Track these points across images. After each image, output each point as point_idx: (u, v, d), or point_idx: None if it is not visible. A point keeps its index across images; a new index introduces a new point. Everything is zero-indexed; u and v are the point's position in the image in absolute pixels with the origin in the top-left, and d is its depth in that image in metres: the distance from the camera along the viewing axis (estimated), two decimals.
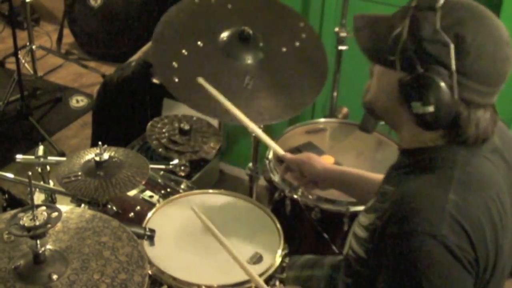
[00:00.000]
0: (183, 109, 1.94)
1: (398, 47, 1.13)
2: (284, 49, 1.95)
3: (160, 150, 1.81)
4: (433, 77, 1.09)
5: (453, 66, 1.08)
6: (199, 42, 1.86)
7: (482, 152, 1.18)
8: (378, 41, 1.18)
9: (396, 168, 1.26)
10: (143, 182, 1.62)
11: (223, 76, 1.83)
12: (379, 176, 1.59)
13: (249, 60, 1.88)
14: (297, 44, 1.98)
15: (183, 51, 1.83)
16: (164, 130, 1.86)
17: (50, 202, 1.78)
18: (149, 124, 1.89)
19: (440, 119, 1.11)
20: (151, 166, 1.67)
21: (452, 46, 1.08)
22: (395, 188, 1.18)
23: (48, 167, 1.78)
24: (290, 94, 1.88)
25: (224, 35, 1.90)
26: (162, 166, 1.91)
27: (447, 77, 1.09)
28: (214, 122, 2.02)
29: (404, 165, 1.23)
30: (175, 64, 1.79)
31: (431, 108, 1.10)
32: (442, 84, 1.09)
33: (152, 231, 1.58)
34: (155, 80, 2.77)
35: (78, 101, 3.66)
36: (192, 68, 1.81)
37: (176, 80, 1.77)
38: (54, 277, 1.15)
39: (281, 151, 1.71)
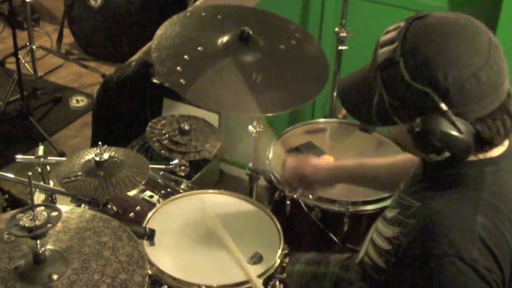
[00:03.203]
0: (183, 109, 1.95)
1: (388, 109, 1.13)
2: (282, 47, 1.97)
3: (162, 151, 1.82)
4: (430, 128, 1.07)
5: (443, 107, 1.06)
6: (199, 48, 1.88)
7: (509, 167, 1.16)
8: (369, 114, 1.17)
9: (420, 180, 1.24)
10: (143, 182, 1.62)
11: (228, 73, 1.86)
12: (380, 161, 1.60)
13: (250, 58, 1.90)
14: (293, 42, 2.01)
15: (185, 56, 1.85)
16: (164, 131, 1.86)
17: (50, 202, 1.78)
18: (148, 125, 1.88)
19: (460, 154, 1.10)
20: (151, 166, 1.67)
21: (430, 91, 1.06)
22: (420, 204, 1.16)
23: (48, 167, 1.78)
24: (297, 85, 1.92)
25: (223, 39, 1.92)
26: (162, 166, 1.90)
27: (443, 118, 1.06)
28: (214, 122, 2.02)
29: (429, 178, 1.21)
30: (179, 68, 1.81)
31: (446, 154, 1.09)
32: (442, 129, 1.06)
33: (152, 231, 1.58)
34: (155, 80, 2.77)
35: (78, 101, 3.66)
36: (197, 69, 1.85)
37: (183, 82, 1.79)
38: (55, 277, 1.15)
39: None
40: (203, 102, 1.84)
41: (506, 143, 1.19)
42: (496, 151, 1.17)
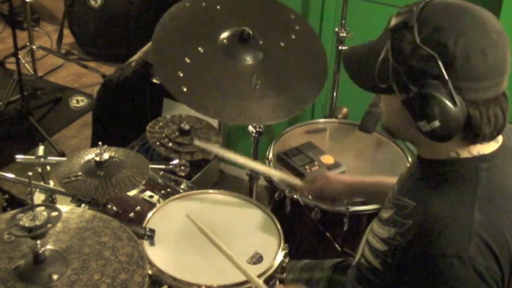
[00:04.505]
0: (183, 109, 1.94)
1: (389, 72, 1.13)
2: (282, 44, 1.96)
3: (161, 149, 1.81)
4: (427, 93, 1.08)
5: (445, 75, 1.07)
6: (199, 48, 1.87)
7: (503, 164, 1.17)
8: (370, 74, 1.18)
9: (415, 178, 1.24)
10: (143, 182, 1.62)
11: (229, 79, 1.85)
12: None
13: (250, 60, 1.89)
14: (293, 36, 1.99)
15: (186, 59, 1.84)
16: (165, 131, 1.86)
17: (50, 202, 1.78)
18: (148, 126, 1.88)
19: (450, 129, 1.09)
20: (151, 166, 1.67)
21: (437, 56, 1.07)
22: (416, 204, 1.16)
23: (48, 167, 1.78)
24: (297, 89, 1.91)
25: (223, 36, 1.91)
26: (162, 166, 1.90)
27: (442, 87, 1.07)
28: (214, 122, 2.02)
29: (424, 176, 1.21)
30: (180, 73, 1.80)
31: (436, 123, 1.08)
32: (439, 96, 1.07)
33: (152, 231, 1.58)
34: (155, 80, 2.77)
35: (78, 101, 3.66)
36: (198, 75, 1.83)
37: (185, 89, 1.78)
38: (55, 277, 1.15)
39: (298, 182, 1.81)
40: (203, 111, 1.82)
41: (500, 140, 1.19)
42: (489, 148, 1.17)
